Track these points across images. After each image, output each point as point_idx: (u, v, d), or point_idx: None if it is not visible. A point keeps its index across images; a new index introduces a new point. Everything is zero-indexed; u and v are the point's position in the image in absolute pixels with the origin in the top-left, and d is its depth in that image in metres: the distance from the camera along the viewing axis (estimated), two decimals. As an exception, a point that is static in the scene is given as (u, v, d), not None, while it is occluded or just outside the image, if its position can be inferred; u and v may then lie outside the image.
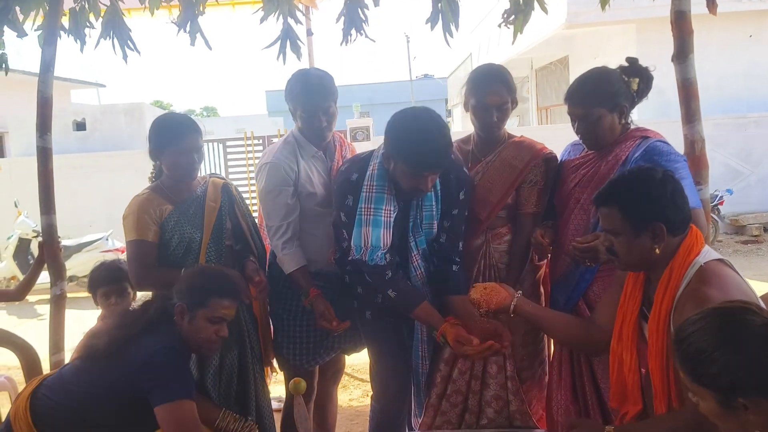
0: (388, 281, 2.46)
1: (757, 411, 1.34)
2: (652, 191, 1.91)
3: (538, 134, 3.25)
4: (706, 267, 1.88)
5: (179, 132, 2.63)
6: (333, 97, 2.72)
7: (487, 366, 2.71)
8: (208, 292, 2.29)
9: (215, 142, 12.04)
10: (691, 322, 1.44)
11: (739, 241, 10.46)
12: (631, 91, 2.48)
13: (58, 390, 2.25)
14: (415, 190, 2.40)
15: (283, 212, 2.71)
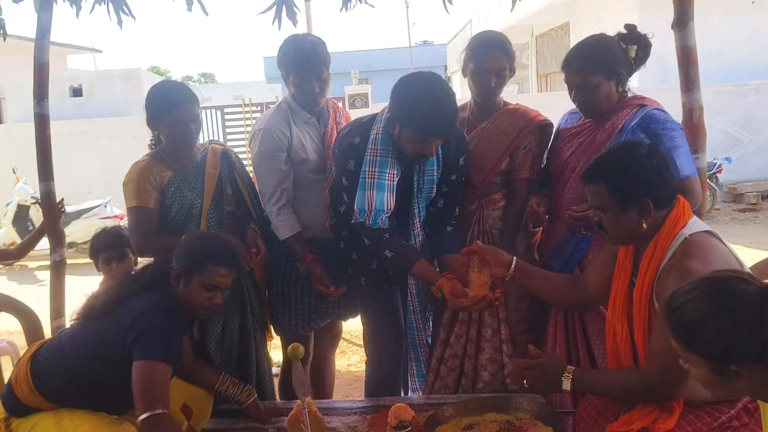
0: (386, 242, 2.50)
1: (748, 378, 1.36)
2: (638, 168, 1.93)
3: (537, 102, 3.25)
4: (691, 239, 1.91)
5: (175, 102, 2.61)
6: (326, 63, 2.71)
7: (482, 330, 2.76)
8: (206, 258, 2.29)
9: (213, 108, 12.02)
10: (684, 291, 1.46)
11: (736, 209, 10.51)
12: (629, 58, 2.47)
13: (56, 351, 2.28)
14: (419, 155, 2.41)
15: (277, 178, 2.73)
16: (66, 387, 2.23)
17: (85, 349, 2.22)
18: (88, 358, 2.21)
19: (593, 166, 2.04)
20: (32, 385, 2.22)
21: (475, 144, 2.70)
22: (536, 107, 2.79)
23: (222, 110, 11.96)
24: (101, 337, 2.21)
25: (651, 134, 2.38)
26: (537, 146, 2.68)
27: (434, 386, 2.85)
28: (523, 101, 2.74)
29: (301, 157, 2.75)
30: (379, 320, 2.77)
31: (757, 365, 1.34)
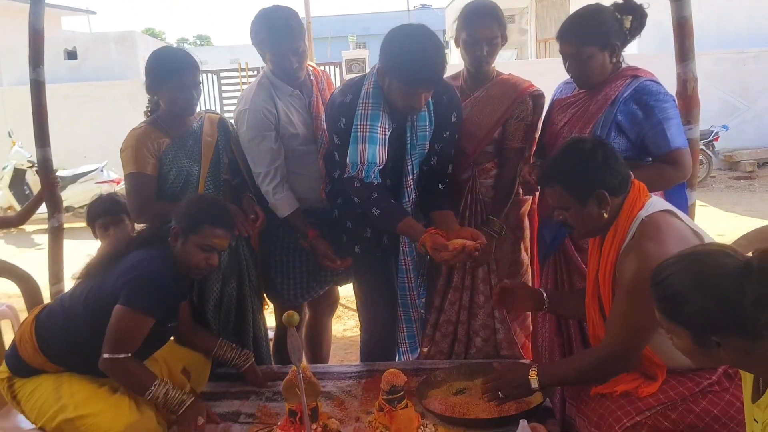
0: (374, 200, 2.53)
1: (728, 348, 1.41)
2: (586, 163, 2.03)
3: (535, 68, 3.28)
4: (648, 220, 1.99)
5: (178, 68, 2.61)
6: (300, 35, 2.66)
7: (474, 296, 2.82)
8: (203, 219, 2.34)
9: (209, 72, 11.93)
10: (668, 264, 1.50)
11: (732, 177, 10.55)
12: (624, 29, 2.47)
13: (58, 312, 2.35)
14: (408, 107, 2.42)
15: (269, 158, 2.72)
16: (67, 346, 2.29)
17: (85, 305, 2.29)
18: (87, 312, 2.28)
19: (546, 170, 2.15)
20: (36, 346, 2.29)
21: (468, 113, 2.72)
22: (534, 74, 2.81)
23: (218, 74, 11.87)
24: (99, 291, 2.28)
25: (643, 105, 2.40)
26: (529, 116, 2.71)
27: (429, 352, 2.91)
28: (521, 67, 2.75)
29: (290, 132, 2.74)
30: (373, 288, 2.81)
31: (736, 336, 1.39)
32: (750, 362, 1.45)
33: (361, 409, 2.40)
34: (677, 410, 1.94)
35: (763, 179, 10.32)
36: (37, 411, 2.27)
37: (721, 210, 8.38)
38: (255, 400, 2.53)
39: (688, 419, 1.92)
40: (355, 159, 2.47)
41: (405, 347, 2.93)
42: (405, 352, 2.95)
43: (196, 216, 2.35)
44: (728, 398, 1.93)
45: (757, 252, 1.42)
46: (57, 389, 2.26)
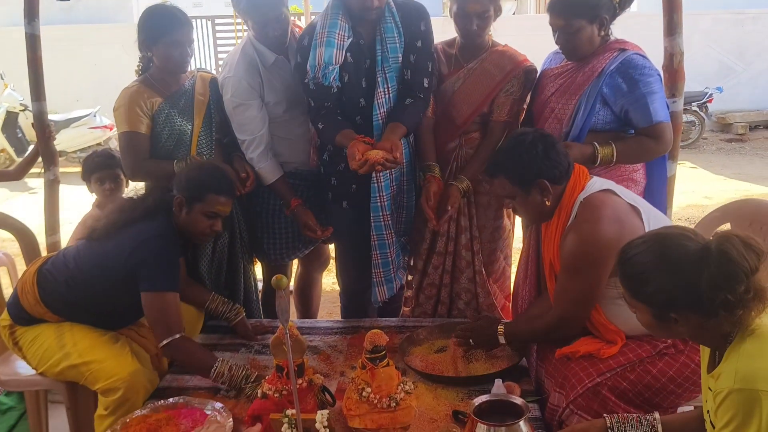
0: (323, 115, 2.65)
1: (685, 324, 1.53)
2: (525, 155, 2.16)
3: (534, 23, 3.26)
4: (586, 201, 2.16)
5: (172, 24, 2.64)
6: (283, 2, 2.67)
7: (457, 261, 2.91)
8: (207, 187, 2.41)
9: (203, 18, 11.72)
10: (634, 245, 1.60)
11: (723, 139, 10.59)
12: (614, 2, 2.50)
13: (61, 267, 2.42)
14: (363, 7, 2.52)
15: (253, 125, 2.77)
16: (69, 301, 2.38)
17: (90, 269, 2.37)
18: (91, 277, 2.36)
19: (491, 164, 2.29)
20: (38, 297, 2.37)
21: (461, 84, 2.74)
22: (533, 29, 2.82)
23: (213, 21, 11.68)
24: (104, 259, 2.35)
25: (628, 79, 2.45)
26: (519, 90, 2.73)
27: (414, 313, 3.03)
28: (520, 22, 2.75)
29: (273, 100, 2.79)
30: (351, 246, 2.89)
31: (693, 313, 1.50)
32: (705, 337, 1.56)
33: (345, 363, 2.50)
34: (635, 371, 2.08)
35: (755, 142, 10.37)
36: (39, 357, 2.37)
37: (710, 172, 8.46)
38: (245, 353, 2.63)
39: (646, 379, 2.07)
40: (313, 62, 2.58)
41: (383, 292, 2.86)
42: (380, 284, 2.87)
43: (200, 185, 2.42)
44: (683, 360, 2.08)
45: (716, 236, 1.51)
46: (59, 337, 2.35)
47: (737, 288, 1.43)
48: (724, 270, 1.44)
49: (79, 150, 9.11)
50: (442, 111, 2.82)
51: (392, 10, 2.61)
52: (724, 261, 1.45)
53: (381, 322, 2.92)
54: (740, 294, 1.43)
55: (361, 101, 2.68)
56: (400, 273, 2.95)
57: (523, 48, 2.80)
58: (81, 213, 3.35)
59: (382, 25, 2.61)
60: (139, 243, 2.31)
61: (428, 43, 2.70)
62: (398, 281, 2.92)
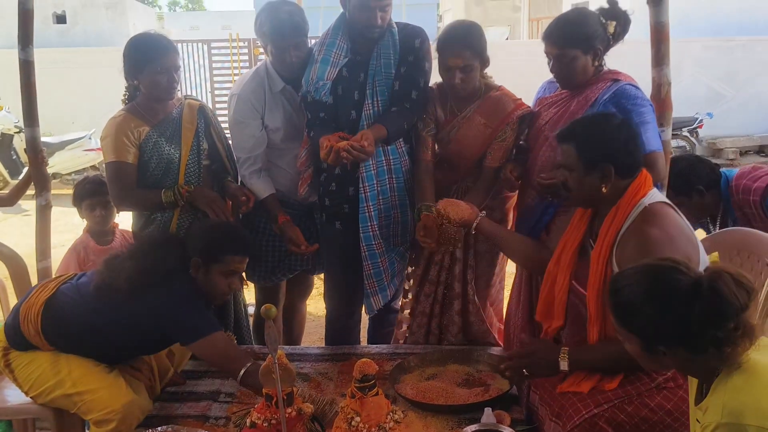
0: (318, 124, 2.71)
1: (673, 357, 1.53)
2: (606, 134, 2.09)
3: (528, 49, 3.29)
4: (650, 207, 2.07)
5: (158, 51, 2.65)
6: (303, 32, 2.74)
7: (447, 292, 2.91)
8: (223, 249, 2.40)
9: (200, 42, 11.79)
10: (626, 275, 1.60)
11: (715, 165, 10.66)
12: (608, 34, 2.54)
13: (76, 309, 2.36)
14: (367, 25, 2.59)
15: (251, 144, 2.83)
16: (74, 341, 2.36)
17: (114, 325, 2.34)
18: (114, 333, 2.34)
19: (567, 127, 2.20)
20: (39, 329, 2.33)
21: (456, 132, 2.75)
22: (526, 54, 2.85)
23: (209, 44, 11.76)
24: (131, 313, 2.31)
25: (621, 109, 2.47)
26: (512, 136, 2.72)
27: (407, 341, 3.02)
28: (513, 48, 2.78)
29: (272, 126, 2.84)
30: (345, 266, 2.88)
31: (682, 347, 1.50)
32: (693, 370, 1.57)
33: (336, 391, 2.49)
34: (633, 404, 2.05)
35: (745, 167, 10.45)
36: (32, 382, 2.34)
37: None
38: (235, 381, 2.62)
39: (643, 413, 2.04)
40: (307, 78, 2.69)
41: (378, 301, 2.88)
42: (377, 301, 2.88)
43: (216, 247, 2.40)
44: (681, 394, 2.04)
45: (708, 272, 1.51)
46: (55, 363, 2.33)
47: (727, 325, 1.43)
48: (714, 307, 1.44)
49: (73, 172, 9.11)
50: (442, 156, 2.85)
51: (393, 30, 2.70)
52: (714, 298, 1.45)
53: (372, 348, 2.91)
54: (729, 331, 1.43)
55: (352, 113, 2.73)
56: (396, 279, 2.96)
57: (516, 73, 2.83)
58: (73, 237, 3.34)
59: (381, 42, 2.69)
60: (163, 310, 2.30)
61: (421, 59, 2.74)
62: (392, 288, 2.92)
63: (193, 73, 11.63)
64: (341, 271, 2.94)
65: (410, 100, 2.72)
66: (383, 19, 2.61)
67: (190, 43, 11.71)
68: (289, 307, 3.35)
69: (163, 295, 2.31)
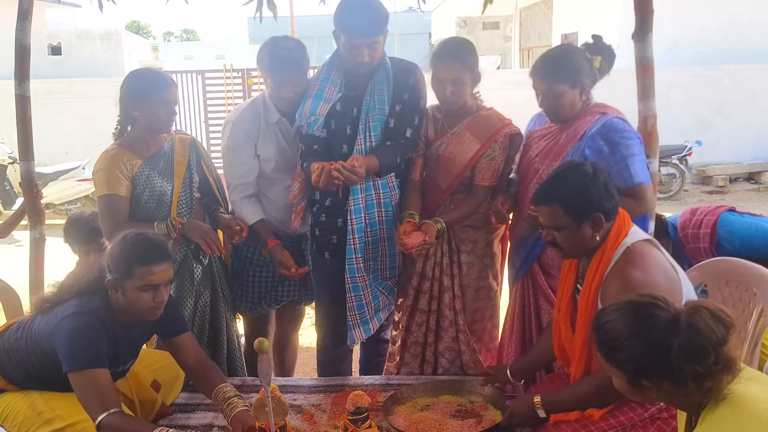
0: (312, 156, 2.73)
1: (658, 390, 1.56)
2: (588, 185, 2.11)
3: (518, 78, 3.32)
4: (632, 248, 2.11)
5: (162, 84, 2.71)
6: (302, 68, 2.79)
7: (440, 320, 2.92)
8: (131, 261, 2.21)
9: (194, 73, 11.89)
10: (608, 312, 1.63)
11: (704, 191, 10.75)
12: (594, 68, 2.60)
13: (13, 341, 2.34)
14: (355, 61, 2.64)
15: (243, 171, 2.88)
16: (25, 376, 2.32)
17: (26, 346, 2.30)
18: (28, 354, 2.29)
19: (545, 188, 2.19)
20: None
21: (444, 149, 2.79)
22: (517, 84, 2.88)
23: (203, 75, 11.86)
24: (37, 337, 2.27)
25: (609, 142, 2.52)
26: (501, 155, 2.74)
27: (399, 371, 3.01)
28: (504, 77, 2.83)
29: (265, 156, 2.88)
30: (334, 297, 2.88)
31: (665, 381, 1.53)
32: (679, 403, 1.59)
33: (329, 423, 2.49)
34: None
35: (735, 194, 10.54)
36: (17, 427, 2.28)
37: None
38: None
39: None
40: (300, 112, 2.74)
41: (359, 334, 2.86)
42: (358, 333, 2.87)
43: (123, 261, 2.21)
44: (674, 425, 2.04)
45: (687, 307, 1.55)
46: (32, 406, 2.28)
47: (706, 360, 1.46)
48: (692, 342, 1.47)
49: (66, 202, 9.12)
50: (429, 175, 2.87)
51: (387, 66, 2.74)
52: (692, 333, 1.48)
53: (364, 380, 2.92)
54: (709, 365, 1.46)
55: (344, 147, 2.77)
56: (382, 314, 2.95)
57: (507, 102, 2.87)
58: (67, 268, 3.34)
59: (375, 78, 2.74)
60: (57, 322, 2.19)
61: (415, 97, 2.79)
62: (376, 322, 2.91)
63: (188, 103, 11.69)
64: (329, 301, 2.96)
65: (405, 138, 2.77)
66: (371, 56, 2.64)
67: (185, 74, 11.80)
68: (280, 338, 3.35)
69: (62, 310, 2.22)
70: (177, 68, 13.18)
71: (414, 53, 2.81)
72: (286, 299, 3.10)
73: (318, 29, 25.20)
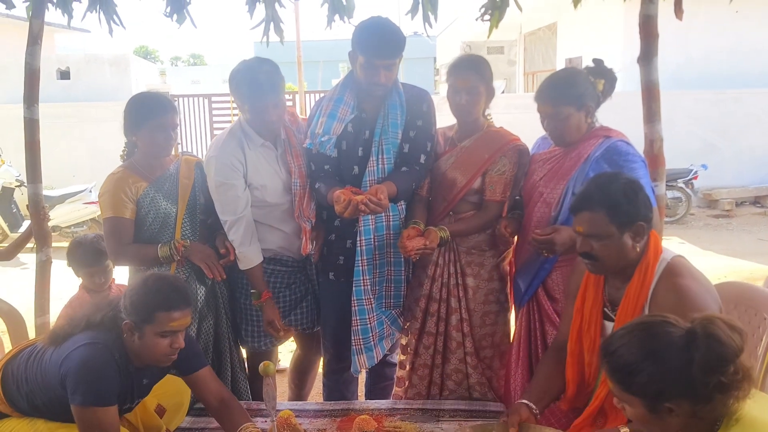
0: (321, 177, 2.76)
1: (680, 413, 1.51)
2: (638, 192, 2.10)
3: (523, 102, 3.35)
4: (674, 262, 2.10)
5: (157, 109, 2.69)
6: (281, 88, 2.73)
7: (448, 342, 2.90)
8: (153, 306, 2.17)
9: (201, 97, 12.00)
10: (618, 336, 1.60)
11: (710, 215, 10.71)
12: (597, 91, 2.61)
13: (21, 372, 2.30)
14: (372, 83, 2.66)
15: (234, 206, 2.76)
16: (31, 407, 2.30)
17: (35, 377, 2.26)
18: (36, 386, 2.26)
19: (590, 194, 2.12)
20: (2, 397, 2.30)
21: (452, 161, 2.82)
22: (522, 107, 2.90)
23: (210, 99, 11.97)
24: (46, 365, 2.24)
25: (613, 165, 2.51)
26: (511, 170, 2.77)
27: (407, 394, 2.99)
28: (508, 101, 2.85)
29: (257, 183, 2.79)
30: (339, 319, 2.87)
31: (686, 400, 1.49)
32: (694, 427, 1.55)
33: (335, 449, 2.48)
34: None
35: (741, 218, 10.50)
36: None
37: (699, 248, 8.52)
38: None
39: None
40: (313, 131, 2.74)
41: (362, 361, 2.81)
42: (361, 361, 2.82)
43: (145, 306, 2.18)
44: None
45: (698, 320, 1.52)
46: (33, 428, 2.27)
47: (728, 369, 1.44)
48: (714, 353, 1.45)
49: (73, 225, 9.15)
50: (435, 188, 2.89)
51: (399, 90, 2.78)
52: (713, 344, 1.45)
53: (370, 404, 2.89)
54: (731, 375, 1.44)
55: (354, 169, 2.78)
56: (385, 343, 2.92)
57: (511, 126, 2.90)
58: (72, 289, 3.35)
59: (388, 101, 2.76)
60: (69, 353, 2.15)
61: (428, 124, 2.83)
62: (380, 350, 2.87)
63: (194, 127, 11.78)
64: (336, 325, 2.94)
65: (419, 164, 2.79)
66: (387, 77, 2.67)
67: (191, 98, 11.91)
68: (303, 360, 3.26)
69: (74, 344, 2.17)
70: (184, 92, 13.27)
71: (419, 77, 2.83)
72: (295, 329, 3.02)
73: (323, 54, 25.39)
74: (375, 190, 2.55)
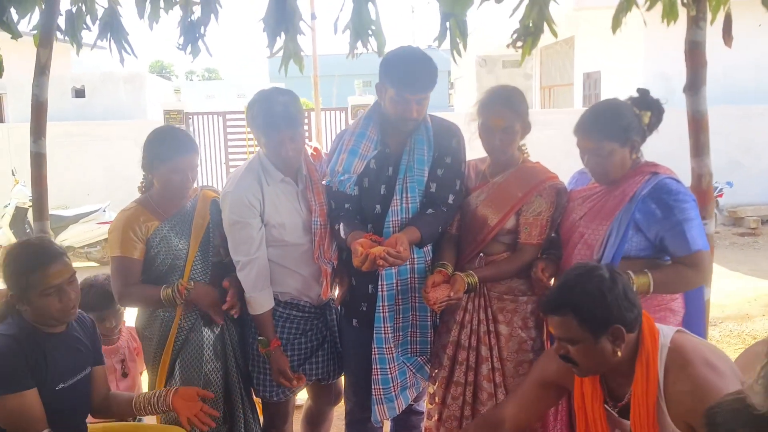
0: (341, 216, 2.59)
1: None
2: (606, 293, 1.87)
3: (539, 118, 3.20)
4: (676, 346, 1.91)
5: (177, 150, 2.56)
6: (299, 122, 2.57)
7: (478, 393, 2.70)
8: (24, 271, 2.12)
9: (215, 114, 11.95)
10: (718, 409, 1.42)
11: (736, 233, 10.48)
12: (642, 125, 2.43)
13: None
14: (401, 118, 2.51)
15: (247, 247, 2.59)
16: None
17: None
18: None
19: (556, 296, 1.95)
20: None
21: (483, 198, 2.64)
22: (539, 124, 2.72)
23: (224, 116, 11.92)
24: None
25: (662, 205, 2.34)
26: (548, 210, 2.57)
27: None
28: None
29: (275, 221, 2.61)
30: (362, 368, 2.68)
31: None
32: None
33: None
34: None
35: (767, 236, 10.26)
36: None
37: (726, 269, 8.29)
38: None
39: None
40: (333, 167, 2.59)
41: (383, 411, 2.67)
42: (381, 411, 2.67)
43: (18, 274, 2.13)
44: None
45: None
46: None
47: None
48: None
49: (86, 245, 9.06)
50: (465, 226, 2.71)
51: (428, 124, 2.61)
52: None
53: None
54: None
55: (376, 208, 2.60)
56: (409, 392, 2.74)
57: (528, 142, 2.71)
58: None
59: (415, 136, 2.59)
60: None
61: (458, 161, 2.65)
62: (402, 401, 2.69)
63: (209, 145, 11.73)
64: (358, 373, 2.75)
65: (447, 204, 2.61)
66: (419, 112, 2.51)
67: (206, 115, 11.87)
68: (317, 413, 3.07)
69: None
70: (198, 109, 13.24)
71: (433, 92, 2.65)
72: (310, 379, 2.81)
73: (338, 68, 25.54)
74: (395, 241, 2.37)
